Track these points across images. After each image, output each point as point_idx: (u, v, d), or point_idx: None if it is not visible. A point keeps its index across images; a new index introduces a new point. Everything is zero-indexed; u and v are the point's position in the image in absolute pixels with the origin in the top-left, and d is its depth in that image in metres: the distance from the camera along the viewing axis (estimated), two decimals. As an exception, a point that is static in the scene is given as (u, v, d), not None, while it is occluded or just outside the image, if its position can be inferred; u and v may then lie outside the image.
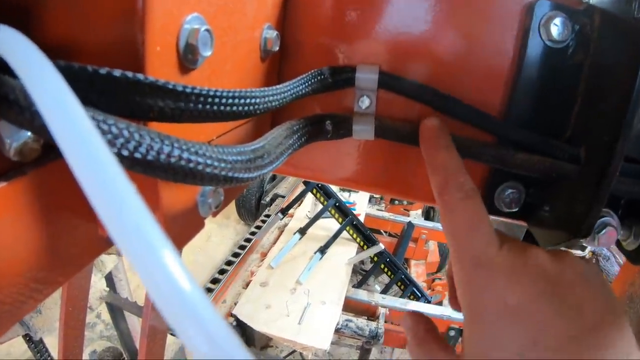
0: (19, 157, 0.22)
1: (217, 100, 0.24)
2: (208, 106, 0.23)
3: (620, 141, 0.44)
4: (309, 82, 0.40)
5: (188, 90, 0.22)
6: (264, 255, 2.34)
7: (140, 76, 0.20)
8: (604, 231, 0.52)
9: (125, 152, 0.19)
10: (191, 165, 0.21)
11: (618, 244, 0.60)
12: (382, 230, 3.18)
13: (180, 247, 0.33)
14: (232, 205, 3.84)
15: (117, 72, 0.19)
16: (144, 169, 0.20)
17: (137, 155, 0.19)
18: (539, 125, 0.51)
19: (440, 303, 2.66)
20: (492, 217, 0.58)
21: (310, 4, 0.48)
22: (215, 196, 0.34)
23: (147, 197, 0.30)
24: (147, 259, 0.15)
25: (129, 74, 0.20)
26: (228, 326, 0.15)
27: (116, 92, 0.20)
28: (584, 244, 0.59)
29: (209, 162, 0.22)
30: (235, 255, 2.51)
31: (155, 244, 0.15)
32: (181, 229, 0.34)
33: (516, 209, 0.53)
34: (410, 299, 2.32)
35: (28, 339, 1.43)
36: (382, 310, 2.11)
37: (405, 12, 0.48)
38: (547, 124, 0.52)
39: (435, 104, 0.48)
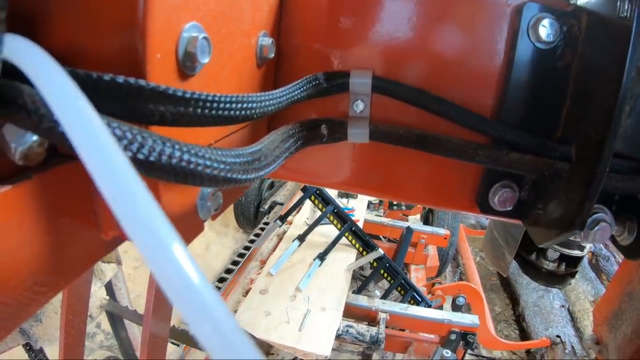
0: (24, 161, 0.23)
1: (215, 104, 0.24)
2: (207, 110, 0.24)
3: (608, 140, 0.44)
4: (304, 88, 0.41)
5: (188, 95, 0.23)
6: (263, 262, 2.33)
7: (142, 82, 0.21)
8: (597, 227, 0.52)
9: (128, 154, 0.20)
10: (191, 166, 0.22)
11: (613, 239, 0.61)
12: (381, 236, 3.18)
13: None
14: (231, 214, 3.83)
15: (120, 78, 0.20)
16: (147, 170, 0.21)
17: (140, 156, 0.20)
18: (531, 125, 0.52)
19: (440, 307, 2.66)
20: (487, 217, 0.59)
21: (306, 11, 0.49)
22: (214, 199, 0.35)
23: (148, 200, 0.31)
24: (157, 251, 0.16)
25: (132, 80, 0.20)
26: (230, 313, 0.15)
27: (119, 97, 0.21)
28: (581, 243, 0.60)
29: (208, 163, 0.22)
30: (235, 263, 2.51)
31: (164, 237, 0.16)
32: (181, 231, 0.34)
33: (510, 208, 0.54)
34: (411, 304, 2.31)
35: (28, 348, 1.42)
36: (382, 316, 2.10)
37: (399, 17, 0.49)
38: (538, 123, 0.52)
39: (429, 107, 0.48)
